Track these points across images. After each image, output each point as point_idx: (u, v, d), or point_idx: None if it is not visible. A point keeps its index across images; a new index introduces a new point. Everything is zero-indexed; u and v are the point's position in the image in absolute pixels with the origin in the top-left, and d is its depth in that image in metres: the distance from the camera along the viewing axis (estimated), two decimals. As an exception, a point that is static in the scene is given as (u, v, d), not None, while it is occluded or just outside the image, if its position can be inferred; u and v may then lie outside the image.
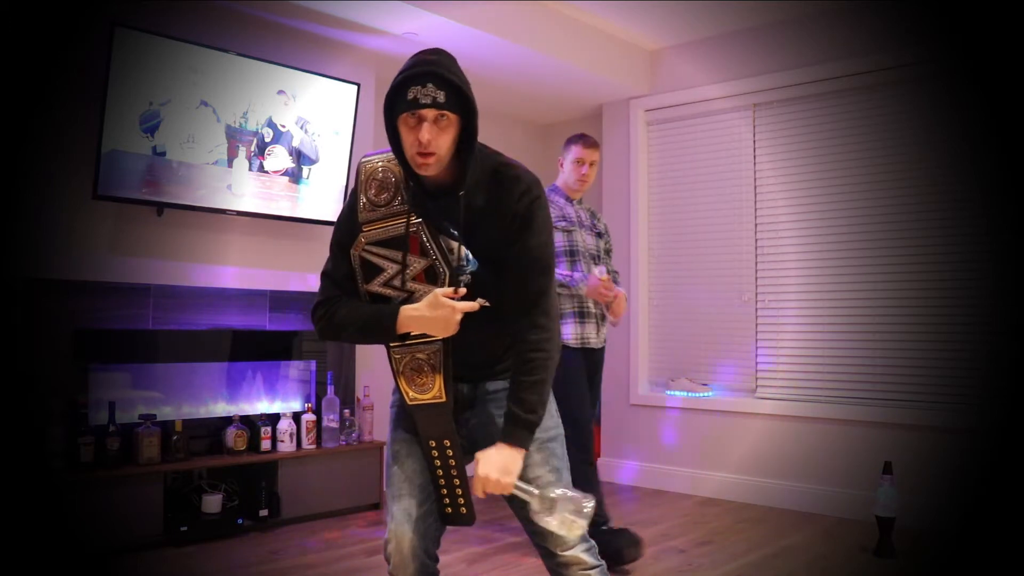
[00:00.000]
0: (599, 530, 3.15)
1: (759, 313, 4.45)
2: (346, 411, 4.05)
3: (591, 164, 3.35)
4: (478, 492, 1.60)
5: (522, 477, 1.65)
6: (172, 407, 3.72)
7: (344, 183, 4.02)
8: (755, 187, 4.49)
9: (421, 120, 1.54)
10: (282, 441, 3.77)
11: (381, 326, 1.64)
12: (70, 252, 3.27)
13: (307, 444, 3.85)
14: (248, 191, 3.67)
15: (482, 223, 1.64)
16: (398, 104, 1.56)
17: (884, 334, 4.01)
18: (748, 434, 4.41)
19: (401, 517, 1.69)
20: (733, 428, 4.44)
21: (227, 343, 3.90)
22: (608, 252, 3.49)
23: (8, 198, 3.12)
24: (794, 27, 4.34)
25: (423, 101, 1.53)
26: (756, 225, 4.48)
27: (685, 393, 4.62)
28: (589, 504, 1.59)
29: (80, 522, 3.11)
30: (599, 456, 4.98)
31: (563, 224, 3.29)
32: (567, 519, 1.59)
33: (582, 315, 3.28)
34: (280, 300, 4.00)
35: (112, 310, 3.43)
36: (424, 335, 1.64)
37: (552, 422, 1.75)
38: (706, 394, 4.59)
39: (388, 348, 1.69)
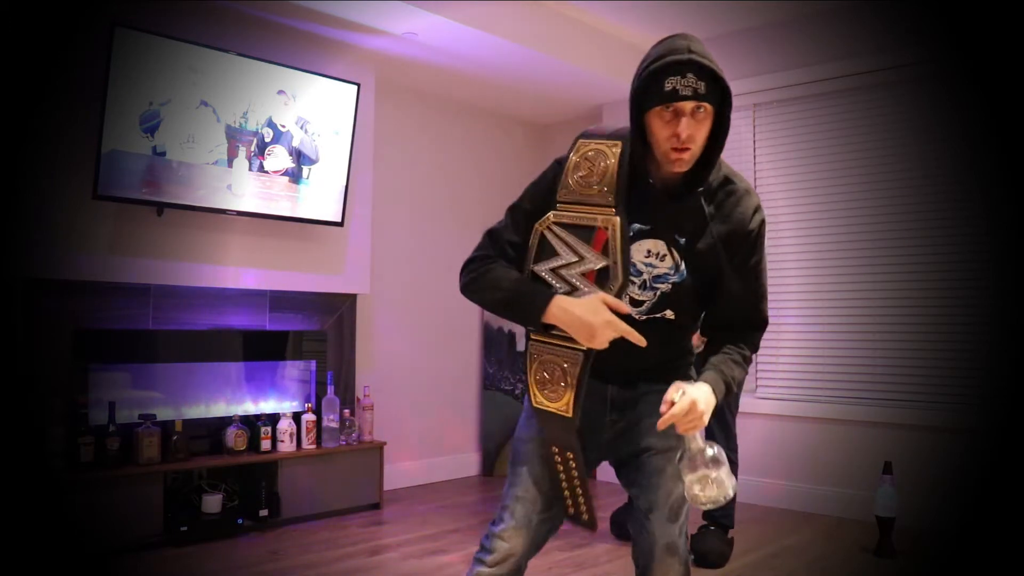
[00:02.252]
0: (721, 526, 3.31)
1: (759, 313, 4.44)
2: (346, 411, 4.05)
3: None
4: (669, 419, 1.46)
5: (657, 482, 1.62)
6: (172, 407, 3.72)
7: (344, 183, 4.02)
8: (755, 187, 4.49)
9: (678, 113, 1.44)
10: (282, 441, 3.77)
11: (531, 305, 1.52)
12: (70, 252, 3.27)
13: (307, 444, 3.85)
14: (248, 191, 3.67)
15: (708, 232, 1.55)
16: (652, 94, 1.44)
17: (884, 334, 4.01)
18: (748, 434, 4.41)
19: (521, 521, 1.63)
20: (733, 428, 4.44)
21: (227, 343, 3.90)
22: None
23: (8, 198, 3.12)
24: (794, 27, 4.34)
25: (683, 93, 1.42)
26: (756, 225, 4.47)
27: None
28: (728, 488, 1.51)
29: (80, 522, 3.11)
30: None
31: None
32: (720, 482, 1.50)
33: None
34: (280, 300, 4.00)
35: (112, 310, 3.43)
36: (567, 336, 1.51)
37: (701, 433, 1.66)
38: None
39: (528, 338, 1.60)
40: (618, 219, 1.51)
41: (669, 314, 1.59)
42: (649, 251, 1.57)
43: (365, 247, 4.33)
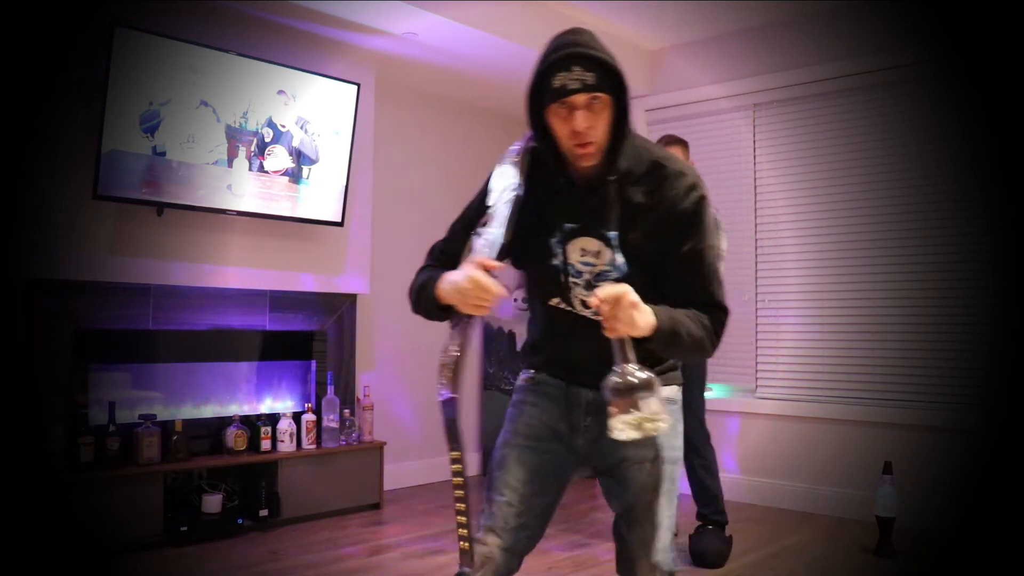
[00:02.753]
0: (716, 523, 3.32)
1: (759, 313, 4.45)
2: (346, 411, 4.05)
3: None
4: (594, 301, 1.35)
5: (634, 494, 1.57)
6: (172, 407, 3.72)
7: (344, 183, 4.02)
8: (755, 187, 4.49)
9: (573, 108, 1.41)
10: (282, 441, 3.77)
11: (428, 294, 1.51)
12: (70, 252, 3.27)
13: (307, 444, 3.85)
14: (248, 191, 3.67)
15: (640, 221, 1.49)
16: (544, 94, 1.43)
17: (884, 334, 4.01)
18: (748, 434, 4.41)
19: (497, 524, 1.59)
20: (733, 428, 4.44)
21: (227, 343, 3.90)
22: None
23: (8, 198, 3.12)
24: (794, 27, 4.34)
25: (572, 87, 1.40)
26: (756, 225, 4.48)
27: (685, 393, 4.61)
28: (660, 420, 1.34)
29: (80, 522, 3.11)
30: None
31: None
32: (647, 410, 1.33)
33: None
34: (280, 300, 4.00)
35: (112, 310, 3.43)
36: (466, 317, 1.47)
37: (678, 443, 1.63)
38: (706, 394, 4.58)
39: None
40: (512, 192, 1.50)
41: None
42: (584, 249, 1.53)
43: (365, 247, 4.33)
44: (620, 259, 1.50)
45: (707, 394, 4.87)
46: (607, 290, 1.34)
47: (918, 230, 3.93)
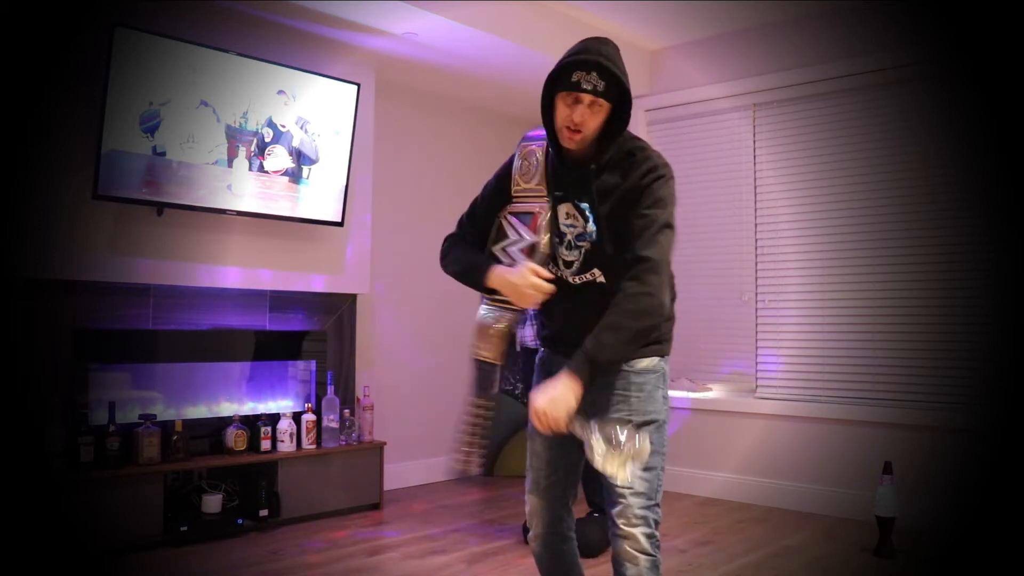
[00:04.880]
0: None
1: (759, 313, 4.45)
2: (346, 411, 4.05)
3: None
4: (539, 426, 1.69)
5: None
6: (172, 407, 3.72)
7: (344, 183, 4.02)
8: (755, 187, 4.49)
9: (577, 101, 1.72)
10: (282, 441, 3.77)
11: (477, 274, 1.88)
12: (70, 252, 3.27)
13: (307, 444, 3.85)
14: (248, 191, 3.67)
15: (611, 198, 1.77)
16: (561, 81, 1.73)
17: (884, 334, 4.01)
18: (748, 434, 4.41)
19: (531, 485, 1.97)
20: (733, 428, 4.44)
21: (227, 343, 3.90)
22: None
23: (8, 198, 3.12)
24: (794, 27, 4.34)
25: (584, 87, 1.70)
26: (756, 225, 4.48)
27: (686, 393, 4.62)
28: (642, 452, 1.63)
29: (80, 522, 3.11)
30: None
31: None
32: (613, 452, 1.62)
33: None
34: (280, 300, 4.00)
35: (112, 310, 3.43)
36: (505, 300, 1.84)
37: (653, 407, 1.84)
38: (706, 394, 4.59)
39: (481, 301, 1.92)
40: (547, 203, 1.84)
41: (598, 274, 1.81)
42: (567, 214, 1.83)
43: (365, 247, 4.33)
44: (591, 227, 1.80)
45: (707, 394, 4.88)
46: (536, 421, 1.70)
47: (918, 230, 3.93)
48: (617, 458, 1.61)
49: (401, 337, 4.75)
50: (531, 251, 1.84)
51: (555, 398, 1.66)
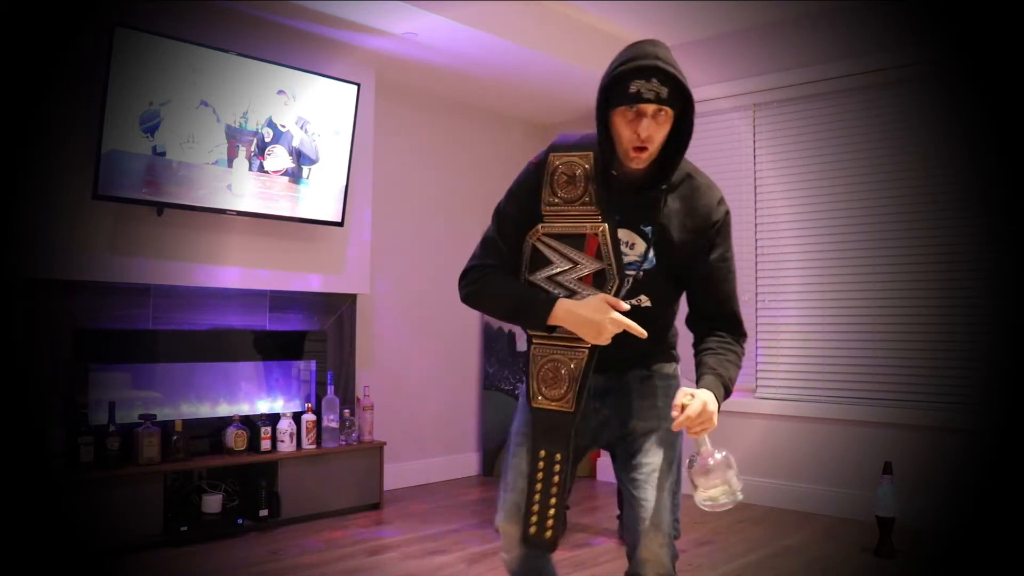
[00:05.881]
0: None
1: (759, 313, 4.45)
2: (346, 411, 4.05)
3: None
4: (683, 422, 1.54)
5: (636, 460, 1.67)
6: (172, 407, 3.72)
7: (344, 183, 4.02)
8: (755, 187, 4.49)
9: (640, 114, 1.53)
10: (282, 441, 3.77)
11: (535, 310, 1.63)
12: (70, 252, 3.27)
13: (307, 444, 3.85)
14: (248, 191, 3.67)
15: (673, 225, 1.63)
16: (617, 95, 1.54)
17: (884, 334, 4.01)
18: (748, 434, 4.41)
19: (511, 510, 1.69)
20: (733, 428, 4.44)
21: (227, 343, 3.89)
22: None
23: (8, 198, 3.12)
24: (794, 27, 4.34)
25: (646, 96, 1.51)
26: (756, 225, 4.48)
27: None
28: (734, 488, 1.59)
29: (80, 522, 3.11)
30: (598, 456, 4.98)
31: None
32: (730, 483, 1.58)
33: None
34: (280, 300, 4.00)
35: (112, 310, 3.43)
36: (571, 336, 1.62)
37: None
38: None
39: (529, 340, 1.69)
40: (606, 225, 1.61)
41: (645, 300, 1.65)
42: (627, 240, 1.65)
43: (365, 247, 4.33)
44: (651, 255, 1.64)
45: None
46: (694, 406, 1.53)
47: (918, 230, 3.93)
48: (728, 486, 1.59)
49: (401, 337, 4.75)
50: (598, 279, 1.61)
51: (715, 405, 1.57)
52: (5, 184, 3.12)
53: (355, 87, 4.01)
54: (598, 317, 1.57)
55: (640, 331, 1.58)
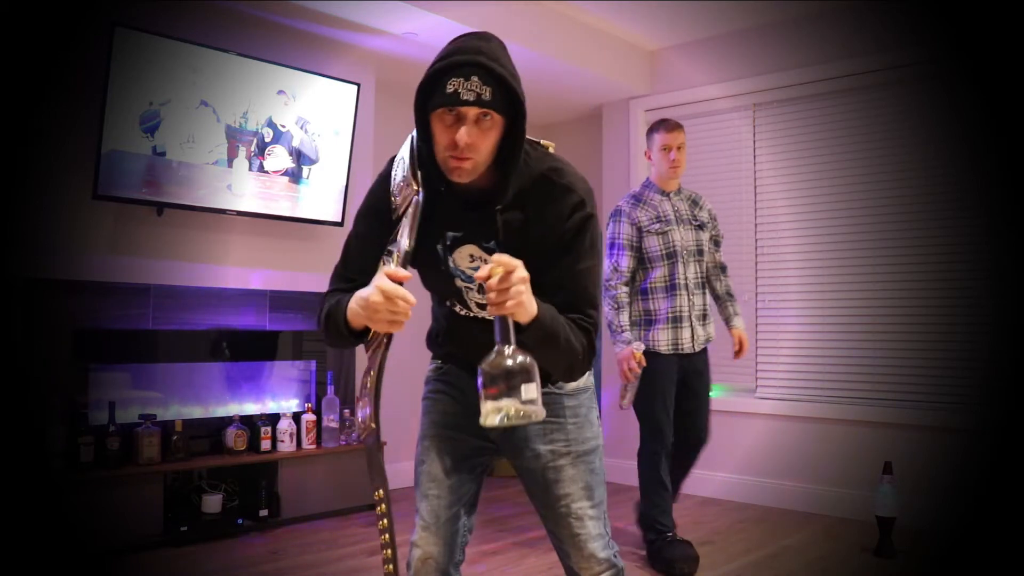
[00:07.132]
0: (662, 537, 3.18)
1: (759, 313, 4.45)
2: (346, 411, 4.05)
3: (678, 148, 3.28)
4: (483, 273, 1.27)
5: (551, 493, 1.53)
6: (172, 407, 3.72)
7: (344, 183, 4.02)
8: (755, 187, 4.49)
9: (460, 119, 1.31)
10: (282, 441, 3.77)
11: (337, 318, 1.46)
12: (70, 252, 3.27)
13: (307, 444, 3.85)
14: (248, 191, 3.67)
15: (522, 236, 1.42)
16: (435, 95, 1.32)
17: (884, 334, 4.01)
18: (748, 434, 4.41)
19: (429, 519, 1.58)
20: (733, 428, 4.44)
21: (227, 343, 3.89)
22: (715, 242, 3.42)
23: (8, 198, 3.12)
24: (794, 27, 4.34)
25: (465, 97, 1.28)
26: (756, 225, 4.48)
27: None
28: (533, 407, 1.23)
29: (80, 522, 3.11)
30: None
31: (657, 227, 3.23)
32: (501, 406, 1.23)
33: (676, 319, 3.21)
34: (280, 300, 4.00)
35: (112, 310, 3.43)
36: (382, 337, 1.43)
37: (592, 432, 1.58)
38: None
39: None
40: (415, 196, 1.43)
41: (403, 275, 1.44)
42: (471, 256, 1.47)
43: (365, 247, 4.32)
44: None
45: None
46: (502, 257, 1.25)
47: (918, 230, 3.93)
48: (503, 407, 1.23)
49: (401, 336, 4.74)
50: (405, 258, 1.45)
51: (525, 290, 1.28)
52: (5, 184, 3.12)
53: (355, 87, 4.01)
54: (368, 293, 1.36)
55: (405, 274, 1.38)
